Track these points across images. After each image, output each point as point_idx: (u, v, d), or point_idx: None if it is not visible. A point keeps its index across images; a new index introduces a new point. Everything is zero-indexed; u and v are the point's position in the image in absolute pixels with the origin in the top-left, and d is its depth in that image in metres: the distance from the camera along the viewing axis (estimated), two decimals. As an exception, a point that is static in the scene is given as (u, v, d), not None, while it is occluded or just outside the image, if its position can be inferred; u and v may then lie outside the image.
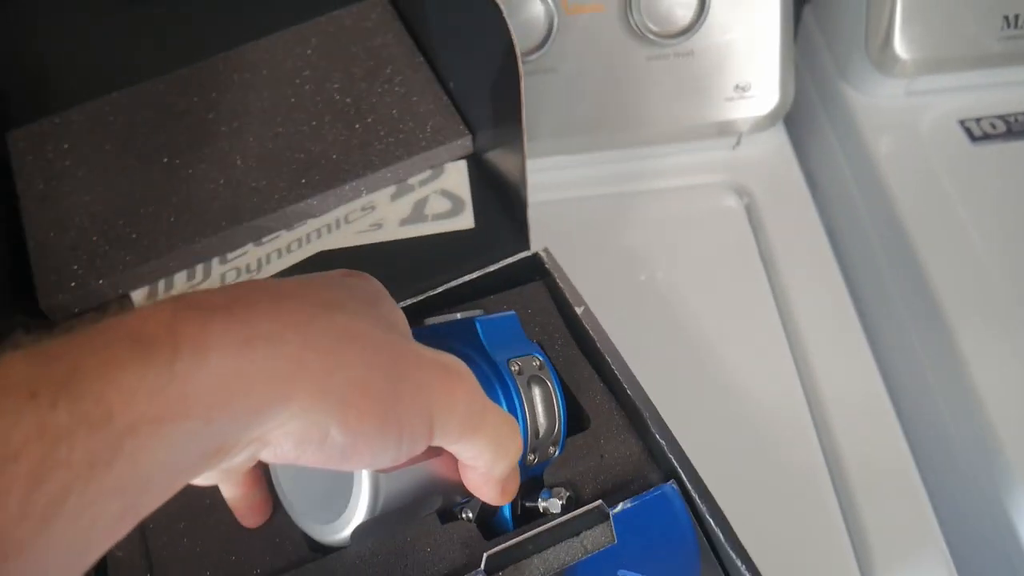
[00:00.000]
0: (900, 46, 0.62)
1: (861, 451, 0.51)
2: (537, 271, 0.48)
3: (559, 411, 0.38)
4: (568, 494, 0.38)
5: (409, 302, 0.45)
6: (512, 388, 0.37)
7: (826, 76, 0.70)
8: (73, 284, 0.48)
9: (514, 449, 0.32)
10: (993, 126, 0.63)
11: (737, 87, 0.65)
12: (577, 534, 0.38)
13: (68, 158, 0.53)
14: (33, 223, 0.51)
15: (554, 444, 0.38)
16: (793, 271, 0.61)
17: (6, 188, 0.53)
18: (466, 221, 0.51)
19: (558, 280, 0.46)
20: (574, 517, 0.37)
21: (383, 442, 0.27)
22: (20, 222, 0.52)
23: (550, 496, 0.38)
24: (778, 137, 0.69)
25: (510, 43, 0.40)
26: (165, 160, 0.53)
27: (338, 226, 0.52)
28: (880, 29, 0.63)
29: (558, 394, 0.38)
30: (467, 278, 0.47)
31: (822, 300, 0.59)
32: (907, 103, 0.66)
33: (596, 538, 0.38)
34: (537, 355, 0.39)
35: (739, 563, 0.37)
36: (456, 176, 0.53)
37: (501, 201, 0.52)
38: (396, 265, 0.50)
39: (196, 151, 0.53)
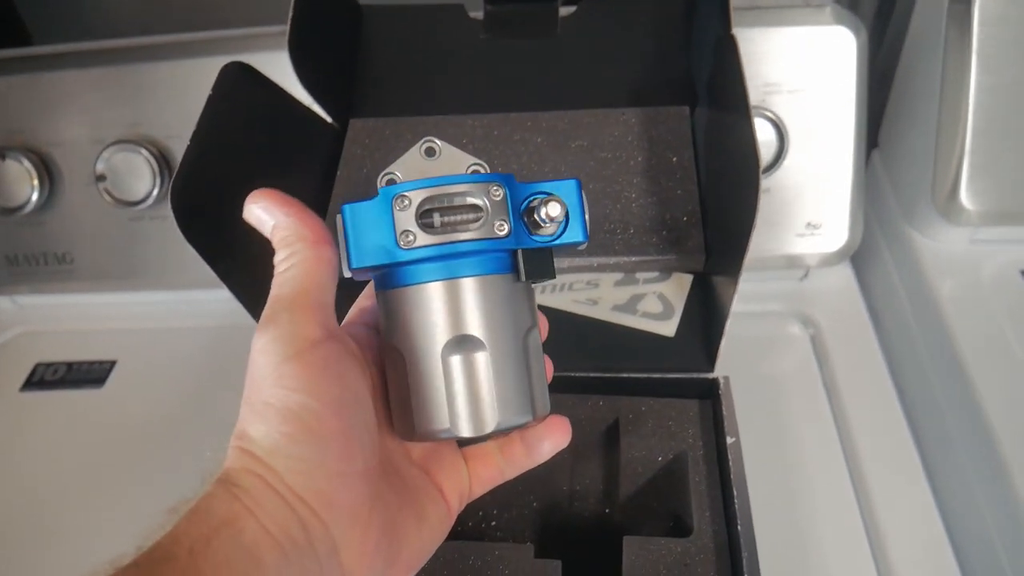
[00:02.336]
0: (966, 198, 0.66)
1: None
2: (706, 393, 0.54)
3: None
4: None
5: (577, 375, 0.54)
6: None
7: (891, 218, 0.74)
8: None
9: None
10: (1053, 279, 0.66)
11: (809, 224, 0.68)
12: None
13: (381, 156, 0.64)
14: (336, 199, 0.63)
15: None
16: (857, 407, 0.64)
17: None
18: (669, 329, 0.58)
19: (724, 407, 0.51)
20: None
21: None
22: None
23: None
24: (844, 273, 0.72)
25: (755, 183, 0.43)
26: None
27: (562, 289, 0.61)
28: (947, 180, 0.66)
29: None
30: (640, 375, 0.55)
31: (883, 437, 0.63)
32: (970, 249, 0.70)
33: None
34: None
35: None
36: (677, 286, 0.61)
37: (699, 317, 0.58)
38: (588, 339, 0.58)
39: None
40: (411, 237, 0.35)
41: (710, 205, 0.58)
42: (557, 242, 0.37)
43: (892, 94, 0.79)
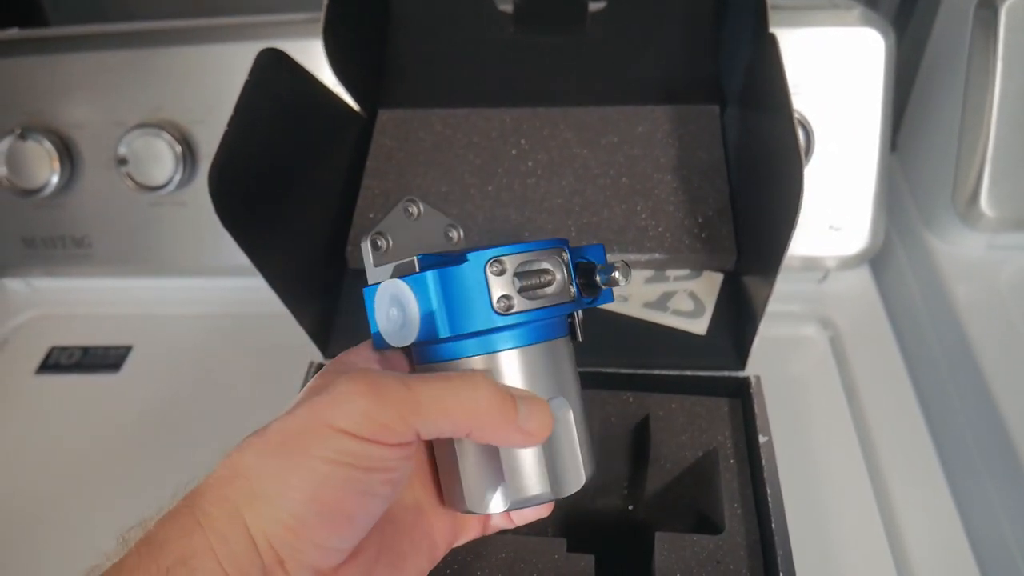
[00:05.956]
0: (986, 203, 0.66)
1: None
2: (736, 391, 0.54)
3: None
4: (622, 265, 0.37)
5: (607, 370, 0.55)
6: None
7: (908, 221, 0.74)
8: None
9: (469, 406, 0.33)
10: (1070, 286, 0.66)
11: (831, 227, 0.68)
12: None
13: (409, 147, 0.65)
14: (365, 190, 0.63)
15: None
16: (876, 407, 0.64)
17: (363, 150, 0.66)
18: (700, 327, 0.58)
19: (756, 406, 0.50)
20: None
21: None
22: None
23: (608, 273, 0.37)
24: (863, 275, 0.72)
25: (798, 192, 0.42)
26: (476, 180, 0.63)
27: (591, 286, 0.59)
28: (968, 185, 0.66)
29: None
30: (671, 372, 0.55)
31: (902, 438, 0.63)
32: (987, 255, 0.70)
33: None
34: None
35: None
36: (708, 284, 0.60)
37: (729, 316, 0.58)
38: (618, 335, 0.58)
39: (505, 179, 0.62)
40: (510, 303, 0.34)
41: (741, 205, 0.58)
42: (599, 303, 0.39)
43: (912, 98, 0.79)
